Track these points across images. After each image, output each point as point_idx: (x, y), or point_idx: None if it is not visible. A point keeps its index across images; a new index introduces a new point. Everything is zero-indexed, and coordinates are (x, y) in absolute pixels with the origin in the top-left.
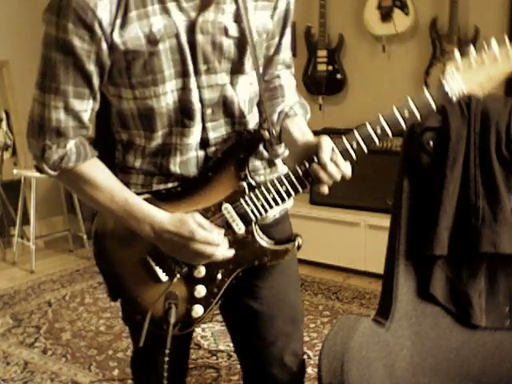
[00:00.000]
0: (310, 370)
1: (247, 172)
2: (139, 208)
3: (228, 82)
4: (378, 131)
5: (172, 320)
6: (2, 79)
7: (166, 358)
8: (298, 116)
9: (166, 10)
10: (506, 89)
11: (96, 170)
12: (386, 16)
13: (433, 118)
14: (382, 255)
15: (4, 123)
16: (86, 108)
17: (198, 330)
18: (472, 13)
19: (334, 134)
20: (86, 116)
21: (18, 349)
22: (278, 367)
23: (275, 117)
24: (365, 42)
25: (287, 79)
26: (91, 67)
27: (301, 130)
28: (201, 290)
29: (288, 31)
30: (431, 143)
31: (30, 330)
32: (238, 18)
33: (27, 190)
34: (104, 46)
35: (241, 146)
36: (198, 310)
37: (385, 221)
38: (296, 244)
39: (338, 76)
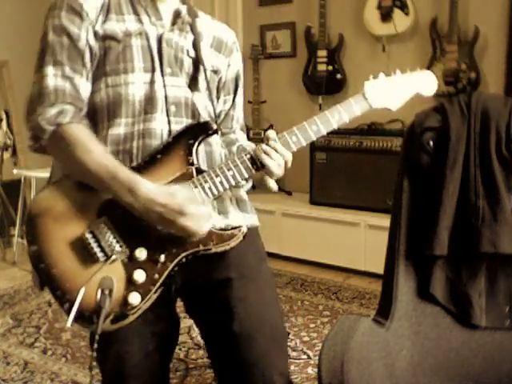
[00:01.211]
0: (310, 370)
1: (195, 157)
2: (127, 175)
3: (188, 88)
4: (314, 129)
5: (105, 307)
6: (2, 79)
7: (94, 354)
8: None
9: (140, 21)
10: (506, 89)
11: (89, 135)
12: (386, 16)
13: (433, 118)
14: (381, 255)
15: (4, 123)
16: (80, 82)
17: (198, 330)
18: (472, 13)
19: (334, 133)
20: (82, 90)
21: (17, 349)
22: None
23: (234, 148)
24: (365, 42)
25: (243, 137)
26: (82, 46)
27: None
28: (140, 275)
29: (240, 92)
30: (431, 143)
31: (29, 330)
32: (195, 46)
33: (27, 190)
34: (91, 31)
35: (190, 133)
36: (134, 298)
37: (385, 221)
38: (242, 229)
39: (338, 76)
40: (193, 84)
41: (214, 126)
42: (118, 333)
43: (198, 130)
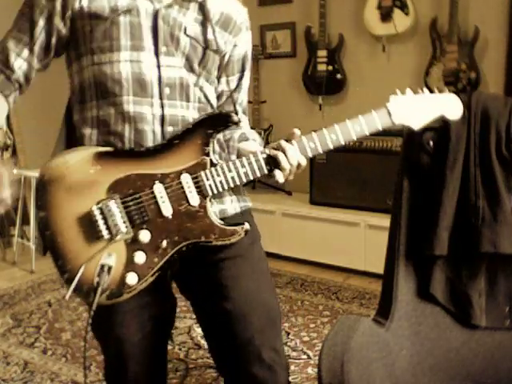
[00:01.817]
0: (310, 370)
1: (211, 148)
2: None
3: (184, 69)
4: (333, 138)
5: (102, 283)
6: None
7: (89, 328)
8: (256, 142)
9: None
10: (506, 89)
11: None
12: (386, 16)
13: None
14: (382, 255)
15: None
16: (19, 52)
17: (198, 330)
18: (472, 13)
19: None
20: (16, 60)
21: (18, 349)
22: (257, 365)
23: (236, 135)
24: (365, 42)
25: (245, 121)
26: (38, 19)
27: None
28: (141, 257)
29: (247, 75)
30: (431, 143)
31: (29, 330)
32: (197, 24)
33: (27, 189)
34: (58, 7)
35: (211, 122)
36: (132, 278)
37: (385, 221)
38: (244, 227)
39: (338, 76)
40: (189, 65)
41: (236, 119)
42: (116, 317)
43: (219, 121)
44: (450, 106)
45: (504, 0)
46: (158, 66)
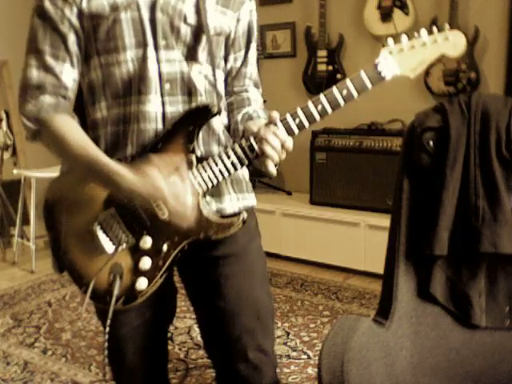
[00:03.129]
0: (310, 370)
1: (195, 144)
2: (107, 166)
3: (184, 62)
4: (319, 108)
5: (116, 291)
6: (2, 79)
7: (107, 335)
8: (260, 118)
9: None
10: (506, 89)
11: (68, 125)
12: (385, 16)
13: (433, 118)
14: (382, 255)
15: (4, 123)
16: (62, 70)
17: (198, 330)
18: (472, 13)
19: (334, 133)
20: (65, 77)
21: (18, 349)
22: (243, 363)
23: (239, 117)
24: (365, 42)
25: (256, 95)
26: (65, 29)
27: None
28: (146, 262)
29: (253, 46)
30: (431, 143)
31: (29, 330)
32: (197, 9)
33: (27, 189)
34: (75, 11)
35: (190, 119)
36: (142, 283)
37: (385, 221)
38: (241, 218)
39: (338, 76)
40: (190, 55)
41: (215, 109)
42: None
43: (198, 116)
44: (451, 43)
45: (504, 0)
46: (158, 61)
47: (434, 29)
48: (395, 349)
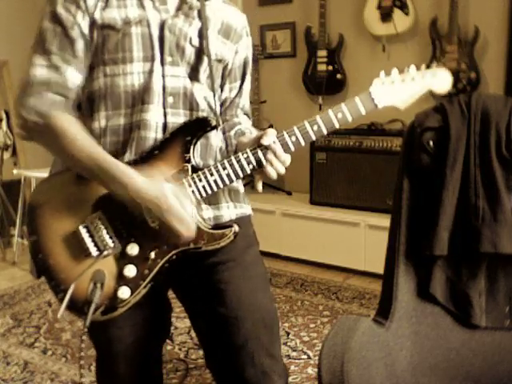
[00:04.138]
0: (310, 370)
1: (192, 154)
2: (113, 167)
3: (188, 79)
4: (315, 129)
5: (95, 300)
6: (2, 79)
7: (83, 345)
8: (252, 134)
9: (142, 6)
10: (506, 89)
11: (76, 126)
12: (385, 16)
13: (433, 118)
14: (381, 255)
15: (4, 123)
16: (67, 71)
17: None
18: (472, 13)
19: (334, 134)
20: (69, 79)
21: (18, 349)
22: (251, 370)
23: (232, 133)
24: (365, 42)
25: (246, 122)
26: (74, 35)
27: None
28: (131, 270)
29: (248, 78)
30: (431, 143)
31: (29, 330)
32: (200, 34)
33: (27, 190)
34: (86, 19)
35: (188, 129)
36: (125, 291)
37: (385, 221)
38: (233, 230)
39: (338, 76)
40: (193, 74)
41: (213, 122)
42: (109, 318)
43: (197, 127)
44: (438, 80)
45: (504, 0)
46: (163, 76)
47: (423, 66)
48: (395, 349)
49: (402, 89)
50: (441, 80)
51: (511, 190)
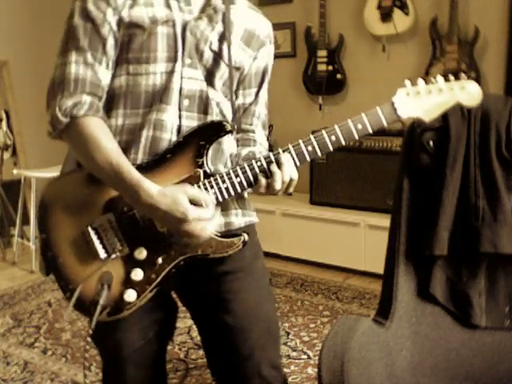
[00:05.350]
0: (310, 370)
1: (205, 159)
2: (132, 178)
3: (204, 82)
4: (333, 139)
5: (101, 301)
6: (2, 79)
7: (87, 347)
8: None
9: (168, 5)
10: (506, 89)
11: (102, 129)
12: (385, 16)
13: None
14: (381, 255)
15: (4, 123)
16: (99, 70)
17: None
18: (472, 13)
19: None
20: (102, 77)
21: (18, 349)
22: (257, 381)
23: (243, 152)
24: (365, 42)
25: (262, 138)
26: (105, 32)
27: None
28: (138, 273)
29: (265, 87)
30: (431, 143)
31: (30, 330)
32: (221, 39)
33: (27, 189)
34: (116, 18)
35: (202, 133)
36: (131, 294)
37: (385, 221)
38: (242, 239)
39: (338, 76)
40: (208, 79)
41: (228, 127)
42: (118, 321)
43: (211, 131)
44: (467, 93)
45: (504, 0)
46: (181, 77)
47: (451, 77)
48: (395, 349)
49: (427, 100)
50: (469, 92)
51: (511, 190)
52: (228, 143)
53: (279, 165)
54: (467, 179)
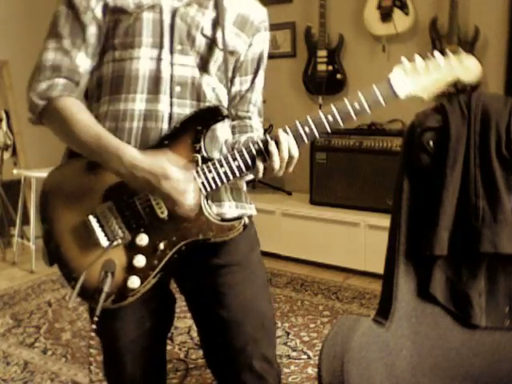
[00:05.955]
0: (310, 370)
1: (202, 145)
2: (113, 143)
3: (197, 69)
4: (330, 119)
5: (106, 288)
6: (2, 79)
7: (92, 334)
8: None
9: None
10: (506, 89)
11: (77, 105)
12: (386, 16)
13: (433, 118)
14: (381, 255)
15: (4, 123)
16: (77, 56)
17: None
18: (472, 13)
19: (334, 133)
20: (79, 63)
21: (18, 349)
22: (248, 374)
23: (242, 138)
24: (365, 42)
25: (258, 124)
26: (86, 20)
27: None
28: (141, 260)
29: (261, 73)
30: (431, 143)
31: (30, 330)
32: (214, 25)
33: (27, 189)
34: (100, 4)
35: (199, 118)
36: (134, 281)
37: (385, 221)
38: (242, 222)
39: (338, 76)
40: (203, 65)
41: (225, 112)
42: (115, 311)
43: (208, 116)
44: (466, 68)
45: (504, 0)
46: (171, 64)
47: (448, 52)
48: (395, 349)
49: (425, 77)
50: (469, 68)
51: (511, 190)
52: (222, 130)
53: (277, 143)
54: (467, 179)
